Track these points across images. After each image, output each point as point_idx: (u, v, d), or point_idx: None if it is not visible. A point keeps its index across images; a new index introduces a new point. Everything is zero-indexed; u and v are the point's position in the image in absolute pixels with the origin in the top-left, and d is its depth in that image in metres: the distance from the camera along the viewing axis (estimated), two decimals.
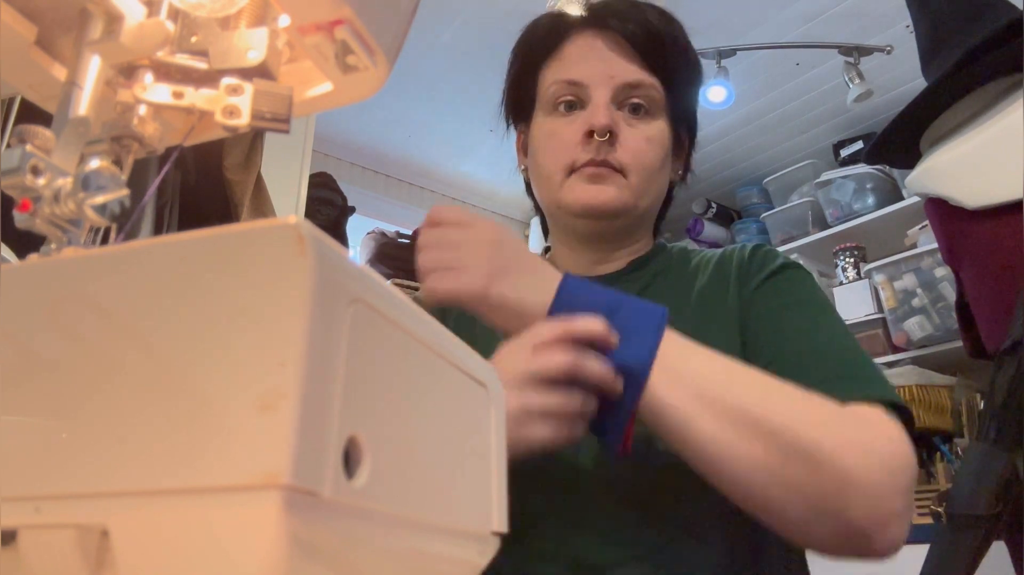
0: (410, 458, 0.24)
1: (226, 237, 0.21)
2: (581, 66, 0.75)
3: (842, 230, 2.64)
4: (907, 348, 2.31)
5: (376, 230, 2.61)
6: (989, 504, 1.11)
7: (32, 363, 0.22)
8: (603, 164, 0.73)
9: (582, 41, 0.77)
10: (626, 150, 0.74)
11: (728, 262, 0.76)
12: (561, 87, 0.76)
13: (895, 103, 2.53)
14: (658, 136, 0.76)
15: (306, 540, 0.18)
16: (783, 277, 0.73)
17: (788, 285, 0.72)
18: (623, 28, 0.74)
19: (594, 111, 0.73)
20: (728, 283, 0.74)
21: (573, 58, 0.76)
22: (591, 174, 0.74)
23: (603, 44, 0.75)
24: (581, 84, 0.75)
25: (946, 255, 1.44)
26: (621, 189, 0.74)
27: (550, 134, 0.77)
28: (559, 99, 0.76)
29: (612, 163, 0.73)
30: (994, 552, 1.13)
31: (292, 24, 0.31)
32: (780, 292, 0.72)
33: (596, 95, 0.74)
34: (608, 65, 0.74)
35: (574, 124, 0.74)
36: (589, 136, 0.73)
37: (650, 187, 0.76)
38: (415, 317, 0.25)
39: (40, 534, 0.21)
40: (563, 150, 0.75)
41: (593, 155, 0.73)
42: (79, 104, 0.29)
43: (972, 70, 1.34)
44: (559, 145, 0.75)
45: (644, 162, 0.74)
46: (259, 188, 1.63)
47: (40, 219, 0.27)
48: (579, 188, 0.74)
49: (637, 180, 0.74)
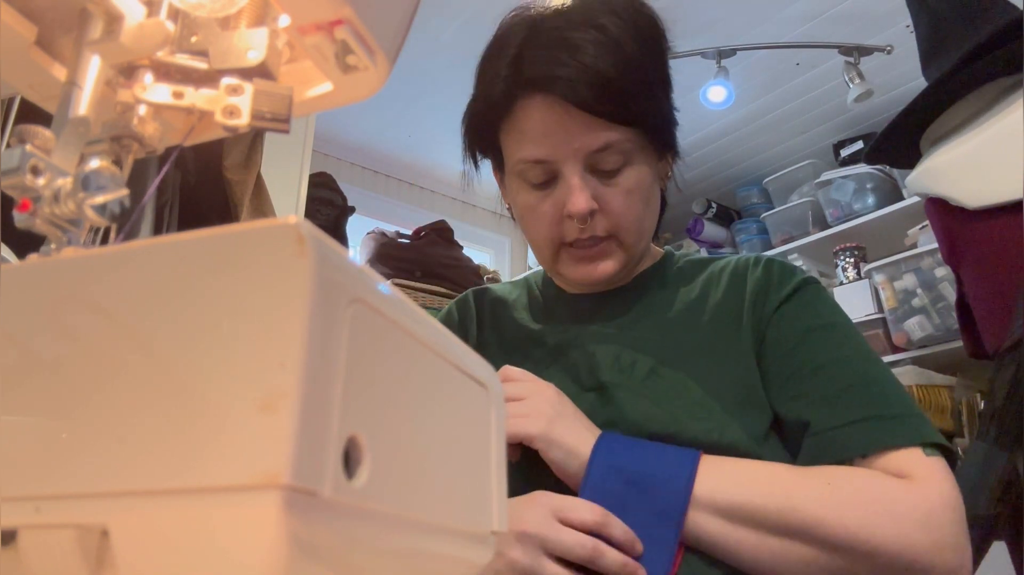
0: (410, 458, 0.24)
1: (226, 237, 0.21)
2: (542, 143, 0.69)
3: (842, 230, 2.64)
4: (907, 348, 2.31)
5: (376, 230, 2.61)
6: (989, 504, 1.11)
7: (32, 363, 0.22)
8: (591, 242, 0.71)
9: (535, 112, 0.69)
10: (610, 216, 0.70)
11: (742, 277, 0.75)
12: (528, 167, 0.71)
13: (895, 103, 2.53)
14: (639, 182, 0.71)
15: (306, 540, 0.18)
16: (802, 298, 0.71)
17: (809, 306, 0.71)
18: (574, 96, 0.66)
19: (568, 194, 0.69)
20: (743, 300, 0.72)
21: (532, 133, 0.69)
22: (582, 256, 0.72)
23: (558, 113, 0.67)
24: (548, 161, 0.69)
25: (946, 255, 1.44)
26: (615, 256, 0.73)
27: (530, 209, 0.73)
28: (531, 177, 0.71)
29: (600, 234, 0.71)
30: (994, 552, 1.13)
31: (292, 24, 0.31)
32: (802, 314, 0.70)
33: (567, 172, 0.69)
34: (570, 136, 0.68)
35: (550, 200, 0.71)
36: (570, 216, 0.70)
37: (643, 233, 0.74)
38: (415, 317, 0.25)
39: (40, 534, 0.21)
40: (547, 228, 0.72)
41: (578, 234, 0.71)
42: (79, 104, 0.29)
43: (972, 70, 1.34)
44: (540, 223, 0.72)
45: (631, 219, 0.71)
46: (259, 188, 1.63)
47: (40, 219, 0.27)
48: (572, 267, 0.73)
49: (629, 238, 0.72)
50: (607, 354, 0.72)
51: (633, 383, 0.69)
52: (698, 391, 0.67)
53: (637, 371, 0.70)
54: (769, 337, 0.69)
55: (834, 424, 0.62)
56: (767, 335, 0.70)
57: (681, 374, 0.68)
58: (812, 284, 0.73)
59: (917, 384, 2.10)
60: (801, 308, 0.70)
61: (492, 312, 0.85)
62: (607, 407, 0.68)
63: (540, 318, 0.82)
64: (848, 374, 0.65)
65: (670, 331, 0.73)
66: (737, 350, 0.70)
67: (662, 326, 0.74)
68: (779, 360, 0.68)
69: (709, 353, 0.70)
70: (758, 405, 0.67)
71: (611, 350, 0.72)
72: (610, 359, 0.72)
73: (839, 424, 0.62)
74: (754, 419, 0.66)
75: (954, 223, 1.38)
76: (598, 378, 0.71)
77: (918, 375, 2.13)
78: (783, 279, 0.73)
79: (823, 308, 0.71)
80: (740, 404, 0.66)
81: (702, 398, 0.66)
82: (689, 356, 0.70)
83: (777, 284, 0.72)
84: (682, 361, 0.70)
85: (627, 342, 0.73)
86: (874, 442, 0.61)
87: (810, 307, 0.71)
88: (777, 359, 0.68)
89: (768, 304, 0.71)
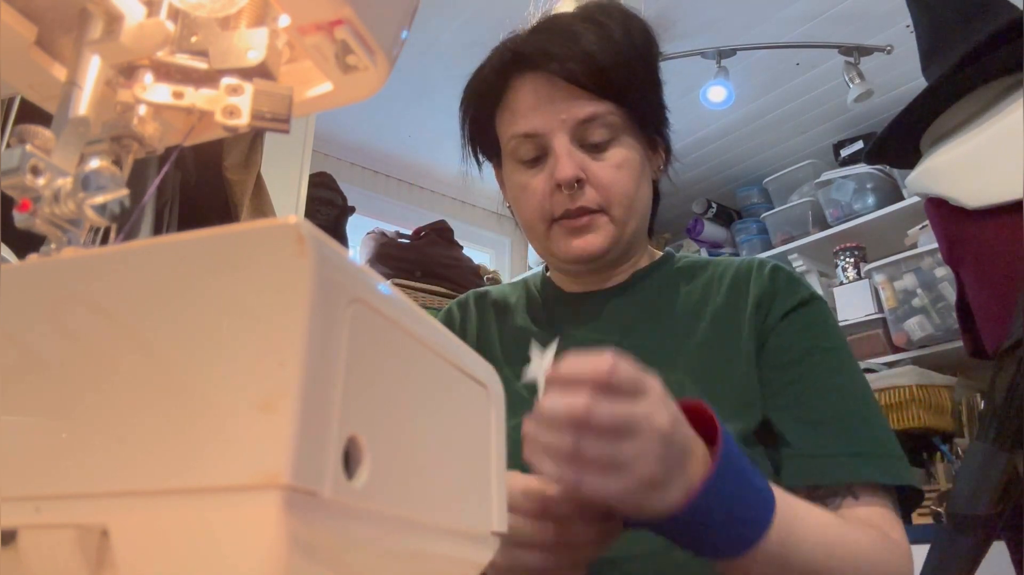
0: (410, 458, 0.24)
1: (226, 237, 0.21)
2: (532, 116, 0.73)
3: (842, 230, 2.64)
4: (907, 348, 2.31)
5: (376, 230, 2.61)
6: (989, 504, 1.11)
7: (32, 363, 0.22)
8: (580, 212, 0.72)
9: (527, 88, 0.74)
10: (599, 187, 0.72)
11: (744, 282, 0.75)
12: (520, 142, 0.75)
13: (895, 103, 2.53)
14: (627, 158, 0.74)
15: (306, 540, 0.18)
16: (808, 313, 0.72)
17: (813, 325, 0.72)
18: (563, 71, 0.71)
19: (557, 163, 0.72)
20: (745, 305, 0.73)
21: (523, 108, 0.74)
22: (572, 227, 0.73)
23: (548, 86, 0.73)
24: (537, 134, 0.73)
25: (946, 255, 1.44)
26: (605, 229, 0.73)
27: (522, 187, 0.76)
28: (522, 153, 0.75)
29: (589, 207, 0.72)
30: (994, 552, 1.13)
31: (292, 24, 0.31)
32: (805, 332, 0.71)
33: (555, 143, 0.72)
34: (558, 107, 0.72)
35: (541, 175, 0.74)
36: (559, 187, 0.72)
37: (633, 211, 0.75)
38: (415, 317, 0.25)
39: (40, 534, 0.21)
40: (537, 203, 0.74)
41: (568, 205, 0.72)
42: (79, 104, 0.29)
43: (972, 70, 1.34)
44: (533, 198, 0.75)
45: (620, 191, 0.73)
46: (259, 188, 1.63)
47: (40, 219, 0.27)
48: (563, 241, 0.74)
49: (619, 212, 0.74)
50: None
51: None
52: (694, 393, 0.67)
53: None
54: (770, 344, 0.70)
55: (820, 451, 0.65)
56: (768, 341, 0.71)
57: (678, 376, 0.69)
58: (819, 301, 0.74)
59: (917, 384, 2.10)
60: (807, 324, 0.71)
61: (492, 315, 0.85)
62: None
63: (540, 320, 0.82)
64: (840, 405, 0.67)
65: (670, 335, 0.74)
66: (737, 353, 0.70)
67: (662, 330, 0.75)
68: (777, 369, 0.69)
69: (708, 356, 0.71)
70: (751, 408, 0.68)
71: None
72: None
73: (825, 453, 0.65)
74: (747, 422, 0.67)
75: (954, 223, 1.38)
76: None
77: (918, 375, 2.13)
78: (791, 289, 0.73)
79: (827, 329, 0.72)
80: (735, 407, 0.67)
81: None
82: (688, 359, 0.71)
83: (784, 293, 0.73)
84: (681, 364, 0.70)
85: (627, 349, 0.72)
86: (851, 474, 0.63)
87: (815, 325, 0.72)
88: (775, 368, 0.69)
89: (773, 312, 0.72)
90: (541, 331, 0.80)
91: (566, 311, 0.81)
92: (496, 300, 0.87)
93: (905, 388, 2.10)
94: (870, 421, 0.67)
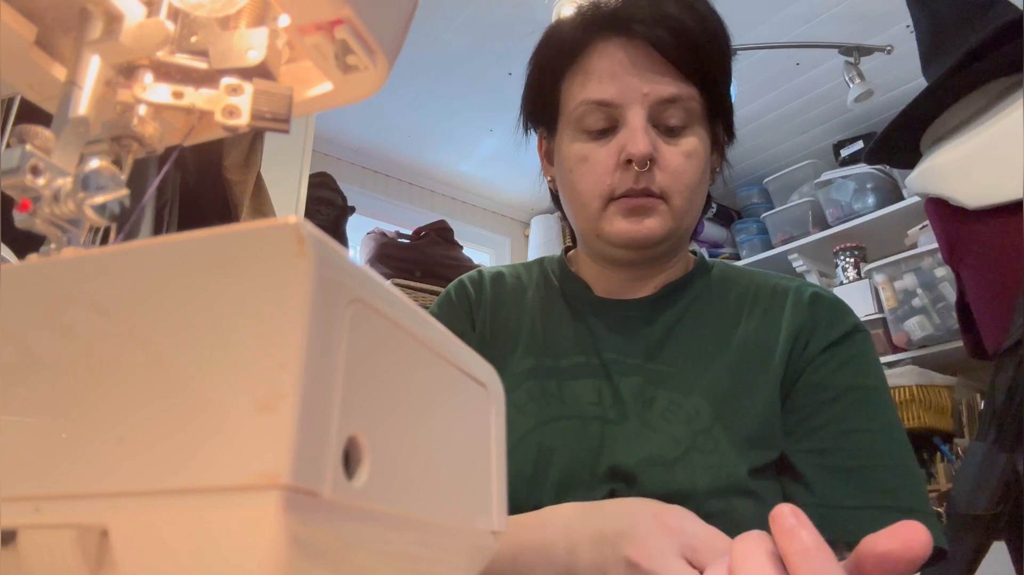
0: (410, 458, 0.24)
1: (226, 237, 0.21)
2: (610, 84, 0.68)
3: (842, 230, 2.64)
4: (907, 348, 2.31)
5: (376, 230, 2.62)
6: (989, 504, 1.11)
7: (32, 363, 0.22)
8: (643, 192, 0.68)
9: (608, 52, 0.69)
10: (666, 173, 0.68)
11: (779, 305, 0.72)
12: (591, 109, 0.69)
13: (895, 103, 2.53)
14: (697, 149, 0.70)
15: (306, 540, 0.18)
16: (853, 347, 0.68)
17: (857, 360, 0.68)
18: (652, 36, 0.67)
19: (631, 137, 0.67)
20: (778, 331, 0.70)
21: (600, 73, 0.69)
22: (632, 207, 0.69)
23: (632, 55, 0.68)
24: (612, 104, 0.68)
25: (946, 255, 1.44)
26: (663, 217, 0.69)
27: (582, 159, 0.70)
28: (590, 122, 0.70)
29: (653, 190, 0.68)
30: (994, 552, 1.13)
31: (292, 24, 0.31)
32: (848, 367, 0.67)
33: (631, 117, 0.68)
34: (640, 80, 0.67)
35: (608, 148, 0.69)
36: (627, 163, 0.67)
37: (692, 206, 0.71)
38: (415, 317, 0.25)
39: (40, 534, 0.21)
40: (599, 177, 0.69)
41: (632, 184, 0.68)
42: (79, 104, 0.29)
43: (972, 70, 1.34)
44: (594, 172, 0.69)
45: (685, 182, 0.69)
46: (259, 188, 1.63)
47: (40, 219, 0.27)
48: (620, 221, 0.69)
49: (679, 202, 0.69)
50: (630, 388, 0.69)
51: (652, 416, 0.67)
52: (709, 420, 0.65)
53: (656, 406, 0.67)
54: (806, 379, 0.67)
55: (847, 503, 0.61)
56: (804, 374, 0.67)
57: (695, 400, 0.66)
58: (863, 333, 0.70)
59: (917, 384, 2.10)
60: (848, 359, 0.68)
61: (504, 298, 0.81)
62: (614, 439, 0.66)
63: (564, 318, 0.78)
64: (878, 452, 0.63)
65: (694, 359, 0.71)
66: (763, 383, 0.67)
67: (686, 354, 0.71)
68: (809, 407, 0.66)
69: (730, 383, 0.68)
70: (769, 441, 0.66)
71: (634, 383, 0.69)
72: (632, 393, 0.69)
73: (852, 505, 0.61)
74: (760, 455, 0.65)
75: (954, 223, 1.38)
76: (619, 411, 0.68)
77: (918, 375, 2.13)
78: (834, 320, 0.70)
79: (869, 367, 0.68)
80: (750, 439, 0.65)
81: (711, 427, 0.64)
82: (709, 384, 0.68)
83: (827, 324, 0.69)
84: (700, 389, 0.68)
85: (651, 375, 0.70)
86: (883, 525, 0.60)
87: (857, 361, 0.68)
88: (807, 405, 0.66)
89: (812, 344, 0.68)
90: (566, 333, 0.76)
91: (597, 321, 0.77)
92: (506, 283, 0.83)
93: (905, 388, 2.10)
94: (903, 472, 0.63)
